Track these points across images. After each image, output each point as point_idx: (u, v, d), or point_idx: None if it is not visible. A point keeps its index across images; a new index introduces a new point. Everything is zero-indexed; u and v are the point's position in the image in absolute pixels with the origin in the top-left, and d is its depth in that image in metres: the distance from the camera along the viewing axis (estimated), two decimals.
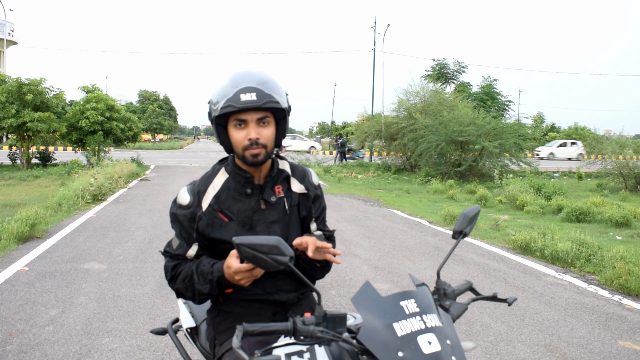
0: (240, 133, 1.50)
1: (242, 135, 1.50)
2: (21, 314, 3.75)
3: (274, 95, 1.48)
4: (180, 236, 1.58)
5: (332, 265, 1.70)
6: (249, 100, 1.44)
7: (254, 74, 1.50)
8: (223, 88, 1.49)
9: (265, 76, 1.51)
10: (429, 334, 1.12)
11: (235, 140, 1.52)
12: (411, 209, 10.00)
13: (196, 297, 1.54)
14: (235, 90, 1.45)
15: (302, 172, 1.70)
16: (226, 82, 1.50)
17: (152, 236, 6.69)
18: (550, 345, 3.43)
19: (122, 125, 19.64)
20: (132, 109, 46.29)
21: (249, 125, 1.50)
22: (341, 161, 25.76)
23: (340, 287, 4.60)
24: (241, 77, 1.49)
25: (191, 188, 1.58)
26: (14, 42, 43.53)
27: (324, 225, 1.74)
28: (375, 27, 26.35)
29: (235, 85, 1.47)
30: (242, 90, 1.45)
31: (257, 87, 1.46)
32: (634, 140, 22.93)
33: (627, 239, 7.17)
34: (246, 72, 1.51)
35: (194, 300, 1.57)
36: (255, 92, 1.45)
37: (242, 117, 1.49)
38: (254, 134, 1.49)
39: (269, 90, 1.47)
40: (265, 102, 1.46)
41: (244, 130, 1.50)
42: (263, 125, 1.51)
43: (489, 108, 24.72)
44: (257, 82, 1.47)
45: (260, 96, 1.45)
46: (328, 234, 1.73)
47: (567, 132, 59.49)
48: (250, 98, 1.44)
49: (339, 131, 48.18)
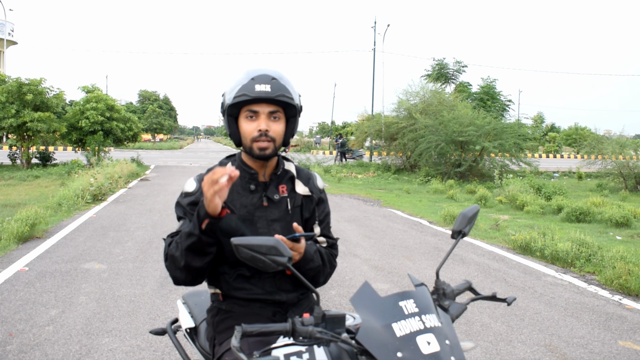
0: (251, 124, 1.52)
1: (253, 127, 1.52)
2: (21, 314, 3.75)
3: (289, 89, 1.51)
4: (183, 218, 1.56)
5: (336, 267, 1.71)
6: (263, 91, 1.47)
7: (270, 69, 1.53)
8: (238, 79, 1.52)
9: (280, 72, 1.54)
10: (428, 334, 1.12)
11: (245, 132, 1.54)
12: (411, 209, 10.00)
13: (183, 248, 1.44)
14: (250, 79, 1.48)
15: (307, 175, 1.71)
16: (241, 75, 1.52)
17: (152, 236, 6.69)
18: (550, 345, 3.43)
19: (122, 125, 19.66)
20: (132, 109, 46.30)
21: (260, 117, 1.52)
22: (341, 161, 25.77)
23: (340, 287, 4.60)
24: (257, 70, 1.52)
25: (198, 177, 1.61)
26: (14, 42, 43.52)
27: (328, 230, 1.74)
28: (375, 27, 26.39)
29: (250, 76, 1.49)
30: (257, 80, 1.48)
31: (272, 78, 1.49)
32: (634, 140, 22.91)
33: (627, 239, 7.17)
34: (262, 67, 1.54)
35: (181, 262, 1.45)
36: (270, 85, 1.47)
37: (255, 109, 1.51)
38: (264, 125, 1.51)
39: (283, 83, 1.50)
40: (278, 94, 1.48)
41: (254, 122, 1.52)
42: (274, 120, 1.53)
43: (489, 108, 24.73)
44: (273, 75, 1.50)
45: (275, 88, 1.48)
46: (332, 242, 1.72)
47: (567, 132, 59.47)
48: (264, 89, 1.47)
49: (339, 131, 48.19)
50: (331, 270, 1.68)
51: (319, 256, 1.60)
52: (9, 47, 42.73)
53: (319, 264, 1.59)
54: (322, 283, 1.66)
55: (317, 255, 1.59)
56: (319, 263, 1.59)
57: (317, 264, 1.58)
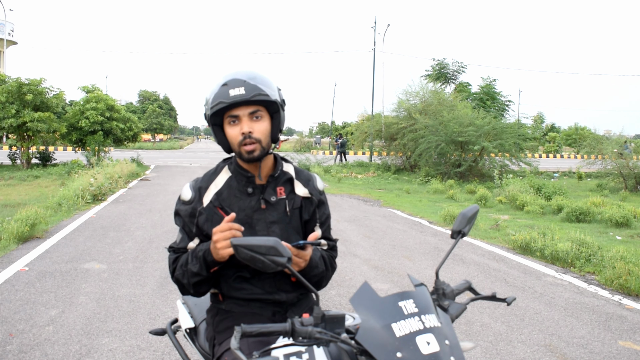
0: (234, 129, 1.52)
1: (236, 131, 1.52)
2: (21, 314, 3.75)
3: (263, 87, 1.50)
4: (183, 230, 1.60)
5: (336, 269, 1.71)
6: (238, 94, 1.47)
7: (242, 71, 1.53)
8: (212, 88, 1.53)
9: (253, 72, 1.54)
10: (427, 334, 1.12)
11: (230, 137, 1.54)
12: (411, 209, 10.00)
13: (190, 281, 1.53)
14: (224, 86, 1.49)
15: (306, 177, 1.70)
16: (215, 83, 1.53)
17: (152, 236, 6.69)
18: (550, 345, 3.43)
19: (122, 125, 19.66)
20: (132, 109, 46.29)
21: (242, 120, 1.52)
22: (341, 161, 25.77)
23: (340, 287, 4.60)
24: (229, 75, 1.52)
25: (193, 184, 1.61)
26: (14, 42, 43.51)
27: (328, 232, 1.74)
28: (375, 27, 26.41)
29: (222, 82, 1.50)
30: (230, 84, 1.48)
31: (244, 81, 1.49)
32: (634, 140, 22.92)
33: (627, 239, 7.17)
34: (235, 71, 1.54)
35: (190, 289, 1.56)
36: (244, 86, 1.47)
37: (234, 113, 1.51)
38: (246, 127, 1.51)
39: (256, 83, 1.49)
40: (254, 94, 1.48)
41: (237, 126, 1.52)
42: (256, 120, 1.53)
43: (489, 108, 24.73)
44: (245, 77, 1.50)
45: (249, 89, 1.47)
46: (332, 244, 1.73)
47: (567, 132, 59.45)
48: (238, 92, 1.47)
49: (339, 131, 48.18)
50: (332, 273, 1.69)
51: (323, 262, 1.61)
52: (9, 47, 42.72)
53: (323, 269, 1.60)
54: (324, 286, 1.67)
55: (321, 261, 1.59)
56: (323, 269, 1.60)
57: (321, 270, 1.59)
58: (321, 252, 1.63)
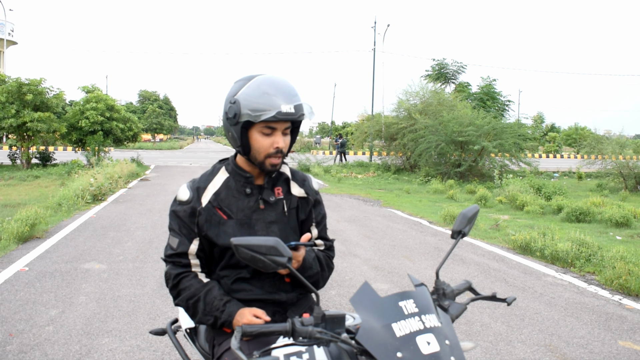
0: (267, 140, 1.51)
1: (268, 143, 1.51)
2: (21, 314, 3.75)
3: (305, 107, 1.51)
4: (180, 233, 1.59)
5: (333, 269, 1.71)
6: (289, 112, 1.45)
7: (289, 85, 1.51)
8: (256, 93, 1.46)
9: (293, 87, 1.53)
10: (427, 334, 1.12)
11: (259, 146, 1.52)
12: (411, 209, 10.00)
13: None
14: (278, 100, 1.45)
15: (302, 177, 1.71)
16: (259, 89, 1.47)
17: (152, 236, 6.69)
18: (550, 345, 3.43)
19: (122, 125, 19.66)
20: (132, 109, 46.30)
21: (276, 134, 1.51)
22: (341, 161, 25.77)
23: (340, 287, 4.60)
24: (278, 86, 1.48)
25: (191, 185, 1.60)
26: (14, 42, 43.49)
27: (325, 232, 1.75)
28: (375, 27, 26.41)
29: (275, 95, 1.46)
30: (283, 98, 1.45)
31: (296, 100, 1.48)
32: (634, 140, 22.94)
33: (627, 239, 7.17)
34: (282, 81, 1.51)
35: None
36: (294, 105, 1.47)
37: (274, 125, 1.49)
38: (282, 142, 1.51)
39: (300, 102, 1.50)
40: (300, 115, 1.48)
41: (270, 138, 1.51)
42: (285, 135, 1.54)
43: (489, 108, 24.71)
44: (294, 93, 1.49)
45: (298, 108, 1.48)
46: (329, 244, 1.74)
47: (567, 132, 59.47)
48: (290, 110, 1.46)
49: (339, 131, 48.18)
50: (329, 273, 1.70)
51: (318, 263, 1.61)
52: (9, 47, 42.71)
53: (318, 270, 1.60)
54: (322, 286, 1.67)
55: (315, 262, 1.60)
56: (317, 270, 1.60)
57: (315, 271, 1.59)
58: (317, 253, 1.64)
